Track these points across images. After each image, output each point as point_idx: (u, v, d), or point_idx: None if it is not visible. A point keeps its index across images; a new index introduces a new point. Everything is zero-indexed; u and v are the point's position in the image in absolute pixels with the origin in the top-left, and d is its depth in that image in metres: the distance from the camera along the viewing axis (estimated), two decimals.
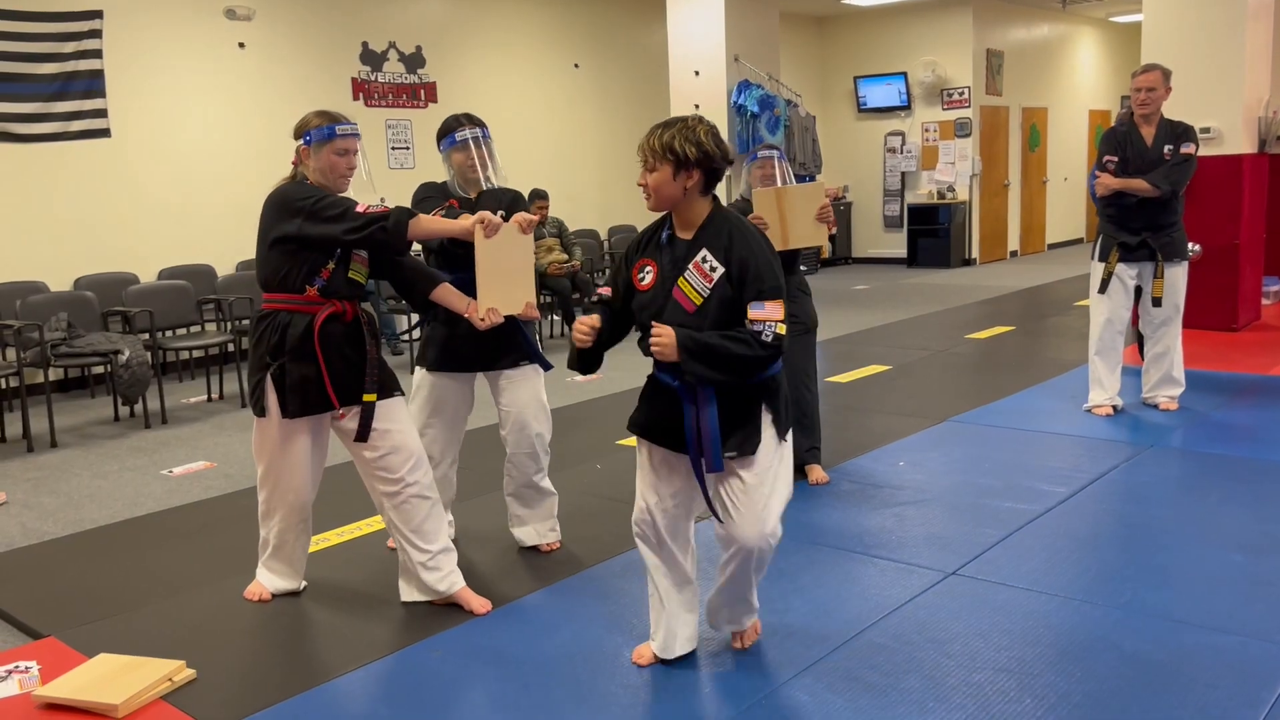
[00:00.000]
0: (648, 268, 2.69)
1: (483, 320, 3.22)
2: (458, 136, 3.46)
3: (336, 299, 3.12)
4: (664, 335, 2.52)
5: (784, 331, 2.53)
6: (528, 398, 3.57)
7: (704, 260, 2.59)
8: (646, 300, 2.67)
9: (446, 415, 3.61)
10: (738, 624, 2.89)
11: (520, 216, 3.22)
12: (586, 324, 2.70)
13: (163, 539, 4.10)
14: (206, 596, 3.47)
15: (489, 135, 3.52)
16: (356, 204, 3.05)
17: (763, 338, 2.51)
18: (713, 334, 2.52)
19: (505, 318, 3.26)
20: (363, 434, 3.14)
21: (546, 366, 3.60)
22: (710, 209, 2.66)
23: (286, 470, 3.23)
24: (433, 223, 3.17)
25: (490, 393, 3.63)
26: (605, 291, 2.79)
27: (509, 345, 3.50)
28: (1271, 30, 7.62)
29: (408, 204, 3.42)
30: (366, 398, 3.12)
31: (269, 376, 3.12)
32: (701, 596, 2.91)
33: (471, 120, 3.52)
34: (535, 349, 3.57)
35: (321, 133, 3.09)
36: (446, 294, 3.30)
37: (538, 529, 3.76)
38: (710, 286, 2.58)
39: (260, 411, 3.16)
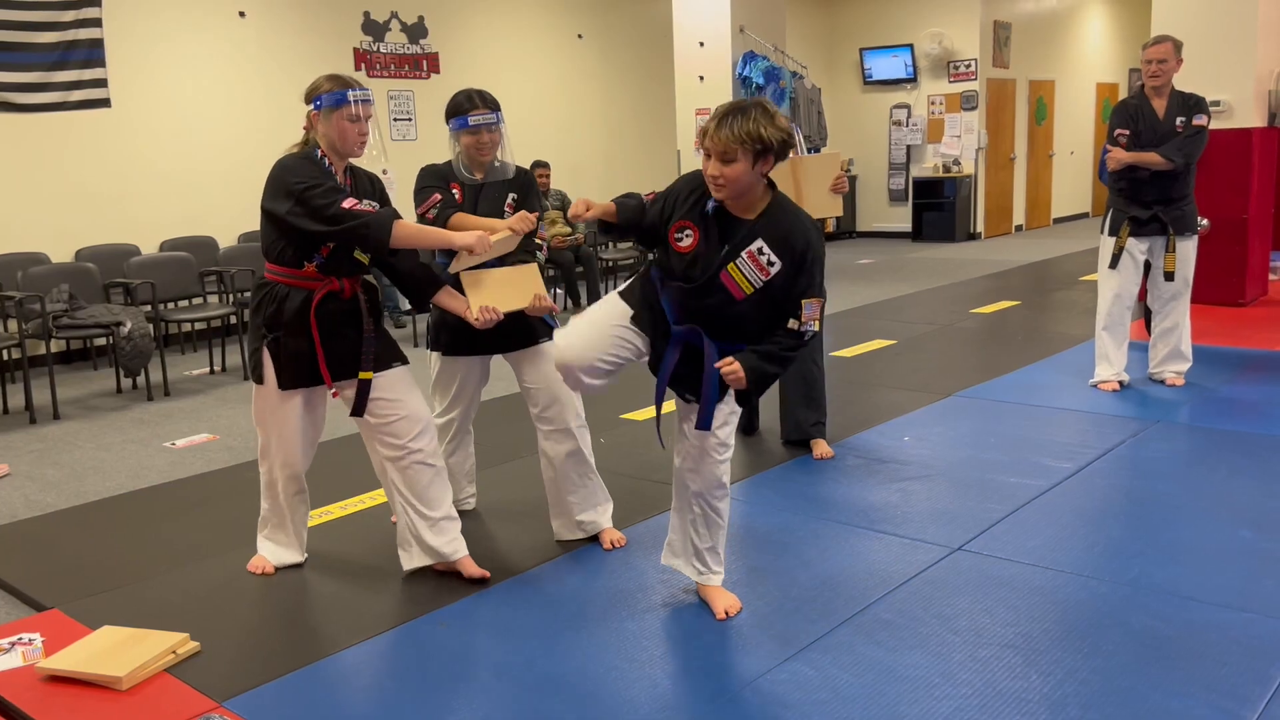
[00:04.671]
0: (687, 230, 2.65)
1: (477, 320, 3.15)
2: (470, 120, 3.30)
3: (335, 276, 3.08)
4: (737, 370, 2.57)
5: (818, 329, 2.67)
6: (552, 371, 3.37)
7: (760, 252, 2.59)
8: (684, 264, 2.66)
9: (465, 395, 3.58)
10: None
11: (519, 221, 3.17)
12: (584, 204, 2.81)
13: (166, 511, 4.09)
14: (210, 569, 3.46)
15: (502, 119, 3.37)
16: (345, 199, 2.94)
17: (805, 338, 2.64)
18: (767, 355, 2.62)
19: (511, 313, 3.21)
20: (359, 409, 3.12)
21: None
22: (771, 194, 2.63)
23: (284, 439, 3.23)
24: (419, 233, 3.06)
25: (513, 373, 3.52)
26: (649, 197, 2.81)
27: (522, 325, 3.38)
28: None
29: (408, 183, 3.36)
30: (363, 375, 3.10)
31: (265, 347, 3.11)
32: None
33: (485, 101, 3.34)
34: (552, 324, 3.44)
35: (332, 98, 3.00)
36: (447, 299, 3.23)
37: (596, 514, 3.54)
38: (764, 279, 2.60)
39: (259, 379, 3.16)
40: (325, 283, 3.06)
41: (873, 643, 2.76)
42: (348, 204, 2.94)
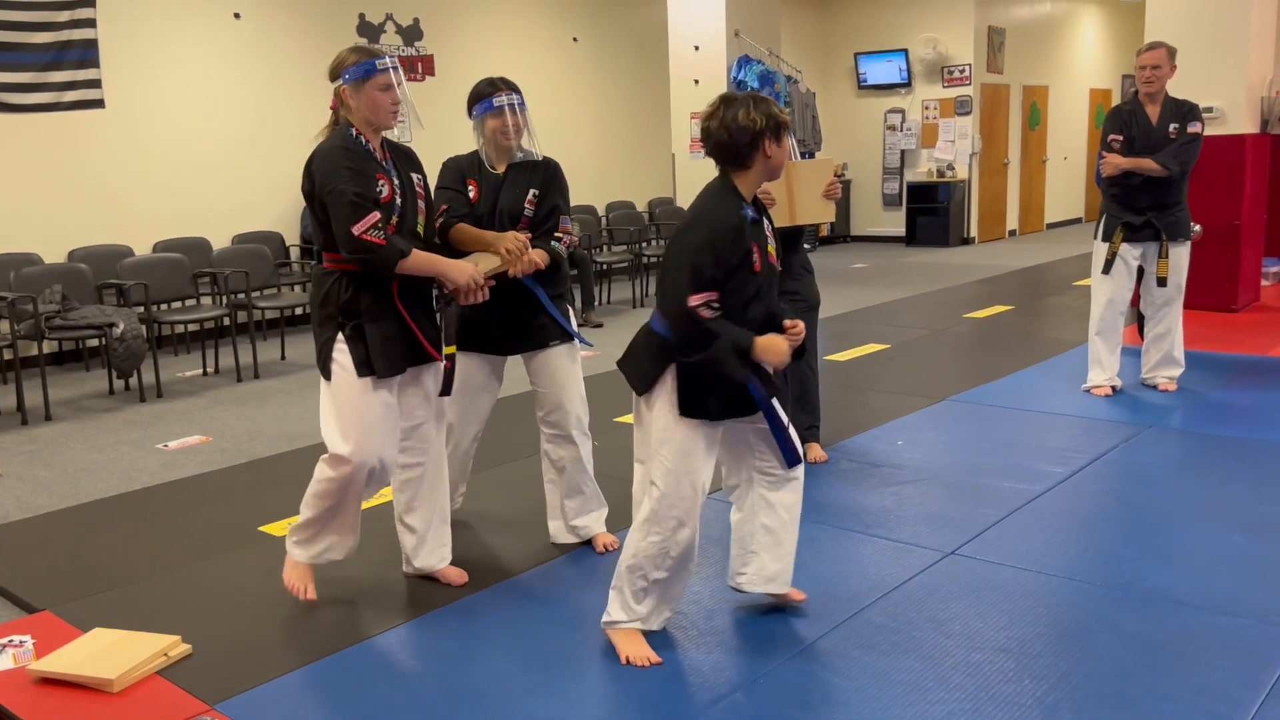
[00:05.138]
0: (754, 251, 2.64)
1: (465, 289, 3.06)
2: (495, 102, 3.30)
3: None
4: (800, 325, 2.72)
5: None
6: (562, 378, 3.42)
7: (769, 222, 2.81)
8: (762, 279, 2.68)
9: (471, 394, 3.53)
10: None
11: (512, 241, 3.18)
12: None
13: (158, 513, 4.08)
14: (202, 571, 3.45)
15: (524, 103, 3.38)
16: (361, 219, 2.81)
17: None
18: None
19: (503, 279, 3.21)
20: (448, 388, 3.07)
21: (584, 343, 3.52)
22: None
23: (374, 432, 2.95)
24: (425, 264, 2.98)
25: (526, 375, 3.52)
26: (712, 298, 2.59)
27: (536, 325, 3.39)
28: (1276, 10, 7.56)
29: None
30: (448, 350, 3.06)
31: (342, 336, 2.91)
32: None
33: (507, 85, 3.36)
34: (566, 326, 3.44)
35: (360, 69, 2.87)
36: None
37: (590, 520, 3.56)
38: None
39: (330, 374, 2.94)
40: None
41: (866, 646, 2.77)
42: (359, 229, 2.80)
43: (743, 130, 2.60)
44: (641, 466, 2.78)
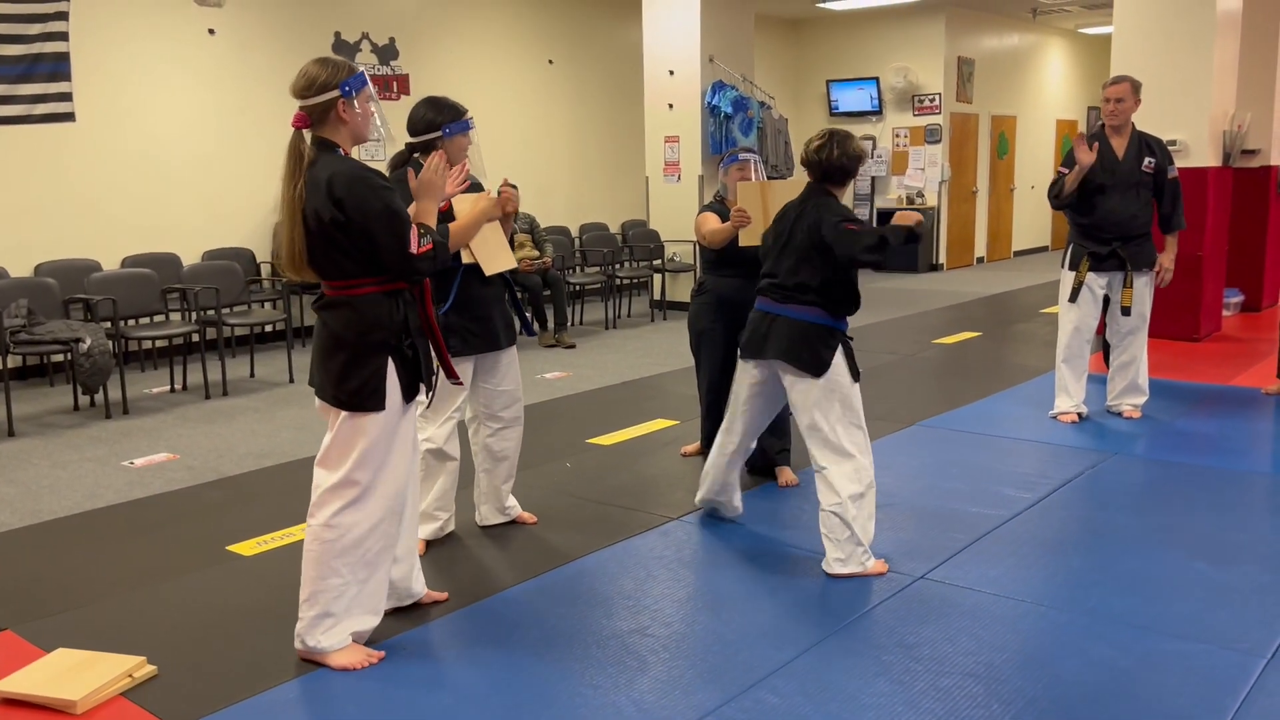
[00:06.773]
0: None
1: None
2: (471, 121, 3.41)
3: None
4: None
5: None
6: (517, 372, 3.73)
7: None
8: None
9: (461, 399, 3.64)
10: None
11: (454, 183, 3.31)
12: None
13: (123, 531, 4.03)
14: (168, 591, 3.41)
15: None
16: (411, 237, 2.71)
17: None
18: None
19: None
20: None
21: (531, 333, 3.89)
22: None
23: (405, 460, 2.88)
24: (457, 234, 3.07)
25: (483, 375, 3.64)
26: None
27: (511, 320, 3.68)
28: (1239, 45, 7.73)
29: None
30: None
31: (392, 361, 2.77)
32: None
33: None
34: (525, 322, 3.80)
35: (359, 80, 2.73)
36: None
37: (514, 499, 3.90)
38: None
39: (379, 405, 2.75)
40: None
41: (836, 671, 2.78)
42: (414, 247, 2.71)
43: (857, 159, 3.48)
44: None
